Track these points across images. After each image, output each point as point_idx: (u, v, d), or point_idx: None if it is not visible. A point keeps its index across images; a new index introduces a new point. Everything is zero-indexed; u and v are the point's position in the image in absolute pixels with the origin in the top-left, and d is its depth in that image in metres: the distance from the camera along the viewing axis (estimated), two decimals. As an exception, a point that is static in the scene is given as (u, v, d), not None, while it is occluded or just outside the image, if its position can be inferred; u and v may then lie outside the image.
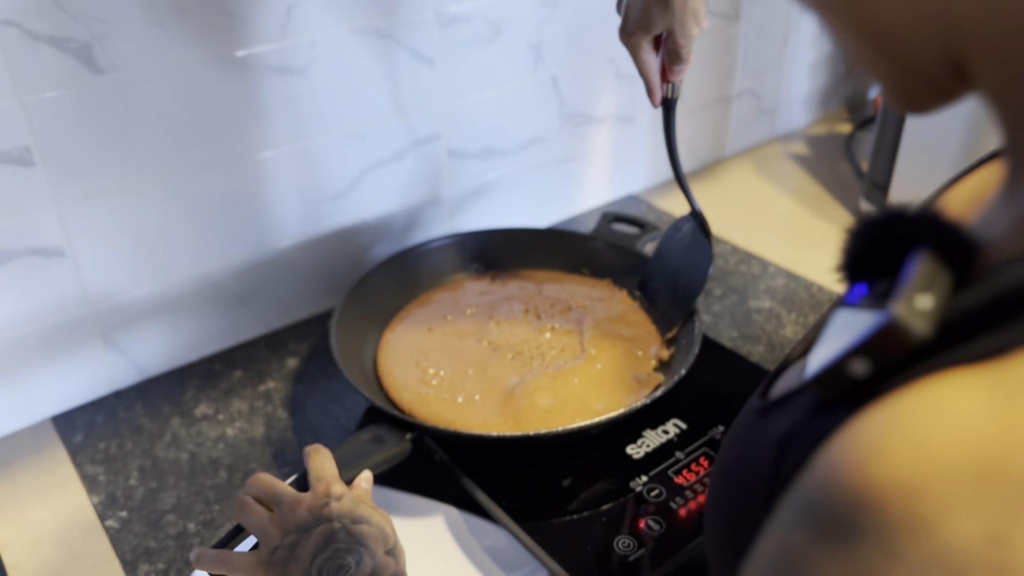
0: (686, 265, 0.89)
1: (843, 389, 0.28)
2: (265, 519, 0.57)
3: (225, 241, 0.91)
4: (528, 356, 0.85)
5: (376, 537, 0.56)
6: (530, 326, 0.90)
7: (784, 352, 0.94)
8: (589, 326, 0.89)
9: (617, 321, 0.91)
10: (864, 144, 1.43)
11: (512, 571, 0.68)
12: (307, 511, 0.56)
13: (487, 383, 0.82)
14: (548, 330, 0.89)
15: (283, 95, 0.88)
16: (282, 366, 0.94)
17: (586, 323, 0.90)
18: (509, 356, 0.85)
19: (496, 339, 0.88)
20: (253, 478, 0.61)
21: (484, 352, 0.86)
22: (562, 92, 1.12)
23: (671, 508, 0.69)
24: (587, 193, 1.24)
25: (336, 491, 0.58)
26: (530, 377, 0.82)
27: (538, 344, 0.87)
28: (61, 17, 0.73)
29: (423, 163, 1.03)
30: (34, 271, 0.80)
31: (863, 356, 0.27)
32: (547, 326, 0.89)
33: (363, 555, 0.54)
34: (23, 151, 0.75)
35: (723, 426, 0.77)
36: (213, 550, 0.59)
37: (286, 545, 0.55)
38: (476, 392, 0.81)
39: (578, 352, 0.86)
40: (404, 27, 0.93)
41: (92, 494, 0.78)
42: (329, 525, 0.55)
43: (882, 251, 0.30)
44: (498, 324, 0.90)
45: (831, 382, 0.29)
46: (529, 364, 0.84)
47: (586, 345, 0.86)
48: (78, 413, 0.88)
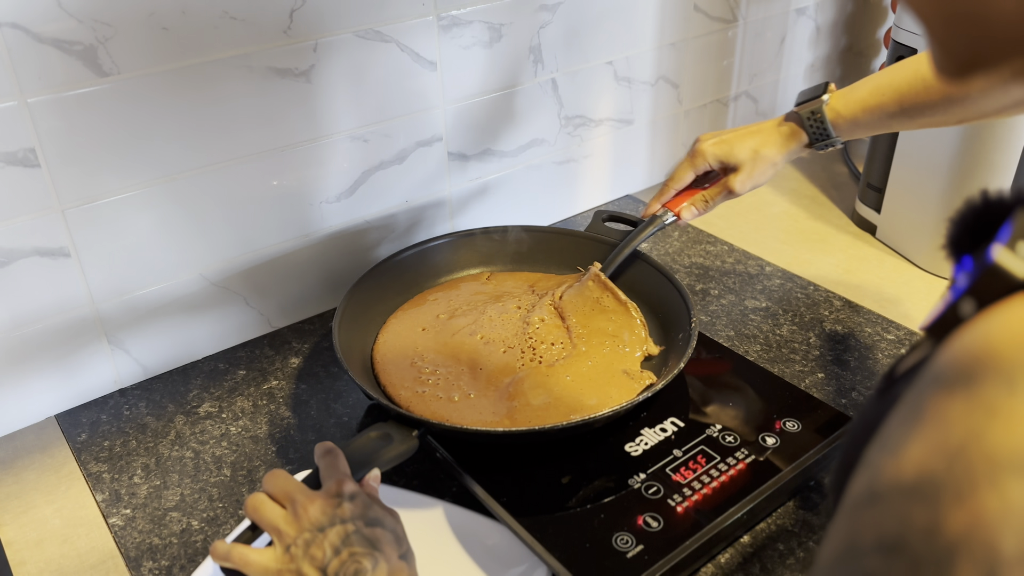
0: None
1: (955, 329, 0.30)
2: (278, 517, 0.58)
3: (228, 241, 0.92)
4: (519, 350, 0.86)
5: (390, 541, 0.56)
6: (520, 321, 0.91)
7: (780, 351, 0.95)
8: (574, 322, 0.90)
9: (596, 309, 0.92)
10: (860, 146, 1.44)
11: (511, 567, 0.69)
12: (320, 510, 0.57)
13: (480, 382, 0.83)
14: (538, 322, 0.90)
15: (286, 98, 0.89)
16: (285, 365, 0.95)
17: (569, 317, 0.91)
18: (501, 351, 0.87)
19: (488, 334, 0.89)
20: (269, 474, 0.61)
21: (477, 347, 0.87)
22: (561, 95, 1.13)
23: (669, 505, 0.70)
24: (586, 194, 1.25)
25: (348, 489, 0.58)
26: (523, 375, 0.83)
27: (528, 337, 0.88)
28: (66, 20, 0.74)
29: (425, 165, 1.04)
30: (39, 271, 0.81)
31: (970, 297, 0.30)
32: (536, 318, 0.91)
33: (379, 559, 0.54)
34: (28, 152, 0.76)
35: (719, 424, 0.78)
36: (228, 544, 0.59)
37: (300, 544, 0.55)
38: (471, 391, 0.82)
39: (568, 346, 0.87)
40: (406, 30, 0.94)
41: (96, 492, 0.79)
42: (344, 527, 0.55)
43: (984, 227, 0.33)
44: (491, 320, 0.91)
45: (945, 326, 0.31)
46: (520, 358, 0.85)
47: (575, 341, 0.88)
48: (82, 411, 0.88)
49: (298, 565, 0.55)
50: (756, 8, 1.29)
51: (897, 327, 0.99)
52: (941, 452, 0.26)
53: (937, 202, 1.07)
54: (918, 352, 0.41)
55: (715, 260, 1.13)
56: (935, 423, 0.27)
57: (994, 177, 1.01)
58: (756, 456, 0.74)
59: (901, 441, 0.29)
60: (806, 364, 0.93)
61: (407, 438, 0.71)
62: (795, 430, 0.77)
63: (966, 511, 0.25)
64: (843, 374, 0.91)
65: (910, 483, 0.27)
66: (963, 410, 0.27)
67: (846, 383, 0.90)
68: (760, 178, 0.89)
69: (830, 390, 0.89)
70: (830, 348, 0.95)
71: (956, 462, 0.26)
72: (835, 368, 0.92)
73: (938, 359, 0.30)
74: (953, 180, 1.04)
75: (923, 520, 0.25)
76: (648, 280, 0.94)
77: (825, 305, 1.03)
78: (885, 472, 0.28)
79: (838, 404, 0.87)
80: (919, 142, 1.07)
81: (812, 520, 0.74)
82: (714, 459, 0.74)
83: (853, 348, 0.95)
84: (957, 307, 0.31)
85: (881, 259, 1.14)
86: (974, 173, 1.02)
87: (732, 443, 0.76)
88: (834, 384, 0.90)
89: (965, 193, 1.03)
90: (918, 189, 1.09)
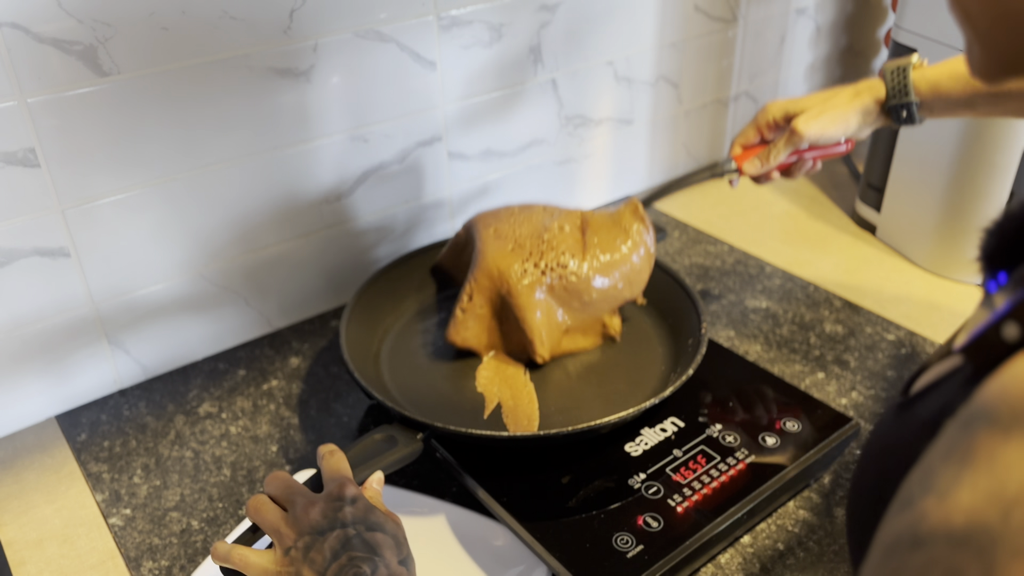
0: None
1: (997, 354, 0.29)
2: (279, 519, 0.58)
3: (228, 241, 0.92)
4: (527, 251, 0.85)
5: (390, 546, 0.56)
6: (541, 224, 0.89)
7: (780, 351, 0.95)
8: (594, 241, 0.87)
9: (617, 233, 0.88)
10: (860, 146, 1.44)
11: (512, 568, 0.69)
12: (320, 513, 0.56)
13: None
14: (558, 229, 0.88)
15: (286, 98, 0.89)
16: (285, 365, 0.95)
17: (591, 235, 0.88)
18: (509, 247, 0.86)
19: (503, 228, 0.88)
20: (271, 476, 0.61)
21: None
22: (561, 95, 1.13)
23: (669, 505, 0.70)
24: (586, 194, 1.25)
25: (349, 493, 0.58)
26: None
27: (541, 241, 0.87)
28: (66, 20, 0.74)
29: (424, 165, 1.04)
30: (39, 271, 0.81)
31: (1015, 320, 0.28)
32: (557, 224, 0.89)
33: (378, 564, 0.53)
34: (28, 152, 0.76)
35: (719, 424, 0.78)
36: (229, 544, 0.59)
37: (300, 547, 0.55)
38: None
39: (577, 266, 0.84)
40: (406, 30, 0.94)
41: (96, 492, 0.79)
42: (344, 531, 0.55)
43: (1019, 242, 0.32)
44: (512, 216, 0.90)
45: (984, 348, 0.30)
46: (525, 260, 0.84)
47: (587, 257, 0.85)
48: (82, 412, 0.88)
49: (297, 568, 0.54)
50: (756, 8, 1.29)
51: (897, 327, 0.99)
52: (996, 502, 0.25)
53: (938, 202, 1.07)
54: (941, 366, 0.38)
55: (715, 260, 1.13)
56: (988, 468, 0.25)
57: (995, 177, 1.01)
58: (756, 456, 0.74)
59: (949, 484, 0.27)
60: (806, 364, 0.93)
61: (412, 441, 0.70)
62: (795, 430, 0.77)
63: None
64: (843, 374, 0.91)
65: (960, 532, 0.25)
66: (1020, 457, 0.25)
67: (846, 383, 0.90)
68: (828, 125, 0.81)
69: (830, 390, 0.89)
70: (830, 348, 0.95)
71: (1013, 514, 0.24)
72: (835, 368, 0.92)
73: (987, 394, 0.28)
74: (954, 179, 1.04)
75: (975, 574, 0.24)
76: (657, 284, 0.93)
77: (825, 305, 1.03)
78: (931, 516, 0.26)
79: (838, 404, 0.87)
80: (919, 142, 1.07)
81: (812, 520, 0.74)
82: (714, 459, 0.74)
83: (853, 348, 0.95)
84: (999, 330, 0.29)
85: (881, 259, 1.14)
86: (975, 173, 1.02)
87: (732, 443, 0.76)
88: (834, 384, 0.90)
89: (966, 192, 1.04)
90: (918, 189, 1.09)
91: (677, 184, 0.92)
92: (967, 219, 1.05)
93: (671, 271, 0.93)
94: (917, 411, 0.36)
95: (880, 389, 0.89)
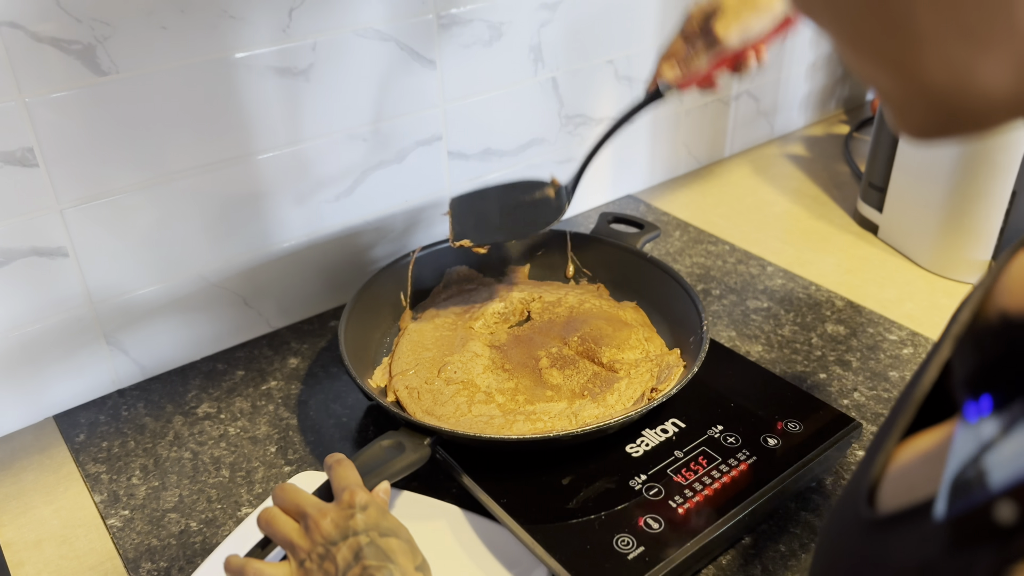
0: (530, 211, 0.90)
1: (986, 535, 0.25)
2: (292, 531, 0.57)
3: (227, 241, 0.92)
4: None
5: (405, 551, 0.55)
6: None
7: (782, 351, 0.94)
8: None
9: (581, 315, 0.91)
10: (862, 145, 1.44)
11: (512, 569, 0.68)
12: (332, 523, 0.56)
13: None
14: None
15: (285, 97, 0.88)
16: (284, 365, 0.94)
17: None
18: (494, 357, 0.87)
19: (479, 329, 0.90)
20: (278, 488, 0.60)
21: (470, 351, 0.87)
22: (561, 94, 1.12)
23: (670, 506, 0.69)
24: (587, 194, 1.25)
25: (360, 500, 0.57)
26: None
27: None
28: (65, 19, 0.73)
29: (424, 164, 1.04)
30: (37, 271, 0.81)
31: (1011, 501, 0.23)
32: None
33: (393, 572, 0.53)
34: (26, 152, 0.76)
35: (721, 425, 0.77)
36: (242, 558, 0.58)
37: (314, 558, 0.55)
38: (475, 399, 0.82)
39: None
40: (405, 29, 0.94)
41: (94, 493, 0.79)
42: (356, 539, 0.55)
43: (1011, 362, 0.26)
44: (486, 323, 0.92)
45: (972, 527, 0.25)
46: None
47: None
48: (81, 412, 0.88)
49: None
50: (757, 7, 1.29)
51: (899, 327, 0.98)
52: None
53: (940, 201, 1.06)
54: (914, 491, 0.33)
55: (716, 260, 1.13)
56: None
57: (996, 177, 1.01)
58: (757, 457, 0.74)
59: None
60: (808, 365, 0.92)
61: (419, 447, 0.70)
62: (796, 431, 0.77)
63: None
64: (845, 375, 0.91)
65: None
66: None
67: (848, 384, 0.90)
68: (752, 23, 0.71)
69: (832, 391, 0.89)
70: (832, 348, 0.95)
71: None
72: (837, 369, 0.92)
73: None
74: (955, 179, 1.04)
75: None
76: (658, 283, 0.93)
77: (827, 305, 1.03)
78: None
79: (840, 405, 0.87)
80: (921, 141, 1.07)
81: (813, 521, 0.74)
82: (715, 460, 0.74)
83: (855, 349, 0.95)
84: (992, 510, 0.24)
85: (883, 259, 1.13)
86: (976, 173, 1.02)
87: (733, 444, 0.75)
88: (836, 385, 0.90)
89: (968, 192, 1.04)
90: (920, 188, 1.09)
91: (623, 121, 0.84)
92: (969, 219, 1.05)
93: (671, 271, 0.92)
94: (891, 545, 0.31)
95: (882, 390, 0.89)
